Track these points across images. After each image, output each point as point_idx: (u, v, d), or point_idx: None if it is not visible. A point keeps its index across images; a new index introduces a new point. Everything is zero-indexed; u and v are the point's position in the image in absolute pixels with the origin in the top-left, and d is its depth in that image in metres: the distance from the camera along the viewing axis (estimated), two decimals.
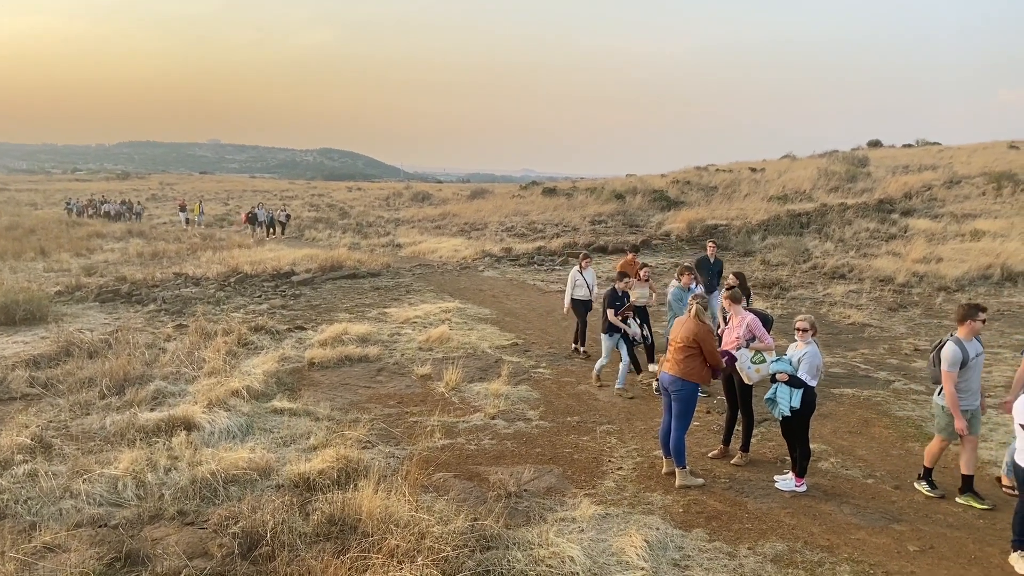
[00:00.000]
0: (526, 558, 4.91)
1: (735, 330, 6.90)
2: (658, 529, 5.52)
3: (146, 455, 6.59)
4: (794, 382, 6.17)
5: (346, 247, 24.55)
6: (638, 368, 9.44)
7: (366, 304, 14.85)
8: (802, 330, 6.29)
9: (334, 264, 19.36)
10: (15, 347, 11.09)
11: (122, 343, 10.75)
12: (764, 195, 29.55)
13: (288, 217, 34.34)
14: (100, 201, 46.79)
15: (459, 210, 36.78)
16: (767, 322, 7.25)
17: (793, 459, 6.37)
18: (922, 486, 6.32)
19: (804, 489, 6.29)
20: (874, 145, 44.37)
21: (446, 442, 7.43)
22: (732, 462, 6.92)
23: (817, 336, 6.35)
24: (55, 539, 5.19)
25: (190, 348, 10.52)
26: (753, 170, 36.28)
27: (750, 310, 7.17)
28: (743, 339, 6.80)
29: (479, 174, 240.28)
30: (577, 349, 11.00)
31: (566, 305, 11.10)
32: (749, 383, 6.73)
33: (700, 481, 6.45)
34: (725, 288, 7.54)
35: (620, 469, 6.80)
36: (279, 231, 32.80)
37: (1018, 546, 5.13)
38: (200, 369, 9.51)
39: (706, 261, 11.20)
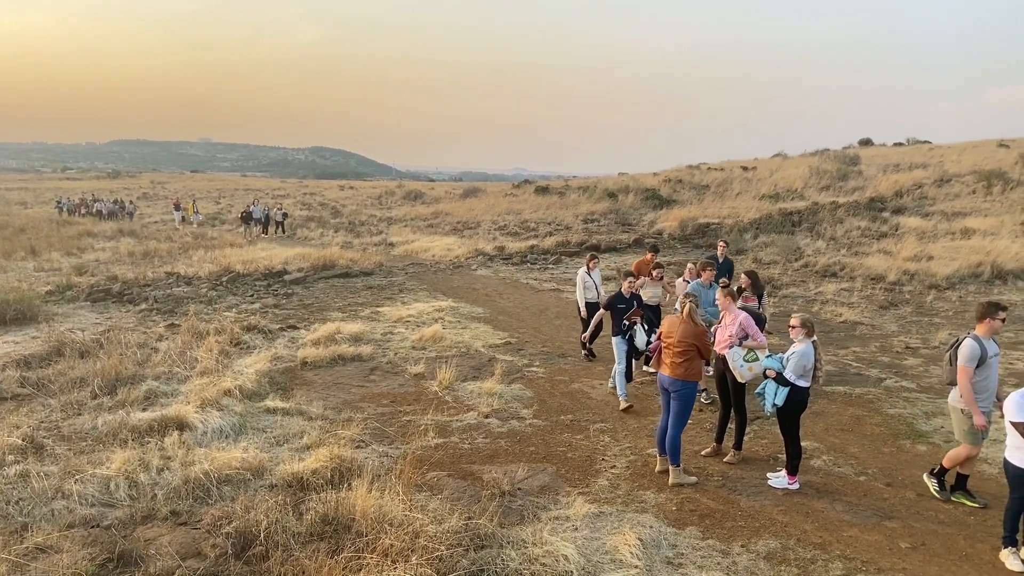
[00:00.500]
0: (520, 557, 4.92)
1: (728, 328, 6.93)
2: (651, 527, 5.54)
3: (138, 455, 6.56)
4: (780, 380, 6.19)
5: (338, 246, 24.47)
6: (629, 376, 9.31)
7: (359, 303, 14.82)
8: (792, 327, 6.30)
9: (327, 263, 19.30)
10: (6, 347, 11.03)
11: (114, 343, 10.71)
12: (756, 193, 29.61)
13: (285, 216, 33.87)
14: (92, 200, 46.50)
15: (452, 209, 36.70)
16: (760, 321, 7.28)
17: (788, 455, 6.39)
18: (931, 482, 6.26)
19: (797, 487, 6.32)
20: (865, 144, 44.51)
21: (440, 441, 7.43)
22: (725, 460, 6.95)
23: (814, 336, 6.29)
24: (47, 540, 5.17)
25: (182, 348, 10.48)
26: (745, 169, 36.37)
27: (743, 308, 7.21)
28: (736, 337, 6.82)
29: (471, 173, 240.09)
30: (590, 352, 10.68)
31: (582, 309, 10.57)
32: (742, 381, 6.76)
33: (693, 479, 6.47)
34: (720, 285, 7.56)
35: (614, 467, 6.81)
36: (276, 230, 32.41)
37: (1008, 543, 5.17)
38: (192, 369, 9.48)
39: (715, 260, 11.16)
